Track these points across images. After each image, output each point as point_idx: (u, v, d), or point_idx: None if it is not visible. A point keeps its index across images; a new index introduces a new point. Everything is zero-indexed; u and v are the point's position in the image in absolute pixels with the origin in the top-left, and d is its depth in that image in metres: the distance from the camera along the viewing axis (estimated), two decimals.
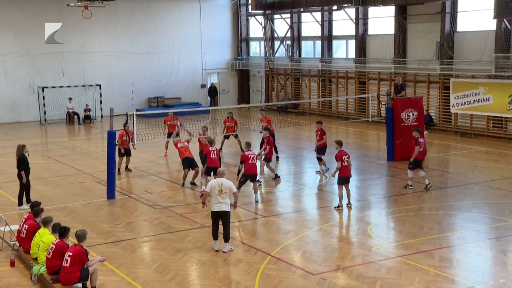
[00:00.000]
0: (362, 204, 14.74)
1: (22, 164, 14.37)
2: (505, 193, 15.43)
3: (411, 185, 15.79)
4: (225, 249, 11.36)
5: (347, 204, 14.18)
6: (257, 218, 13.74)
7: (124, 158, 18.53)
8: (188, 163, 16.33)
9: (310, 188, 16.34)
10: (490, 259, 10.89)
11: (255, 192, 14.95)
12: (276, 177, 17.10)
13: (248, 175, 14.77)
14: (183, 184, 16.43)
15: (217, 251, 11.36)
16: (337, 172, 14.04)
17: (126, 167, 18.71)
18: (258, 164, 15.51)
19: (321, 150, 17.76)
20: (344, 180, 14.00)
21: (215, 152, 15.39)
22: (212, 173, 15.08)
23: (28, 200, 14.51)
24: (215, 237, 11.45)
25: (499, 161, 19.81)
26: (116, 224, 13.30)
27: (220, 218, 11.33)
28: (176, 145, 17.58)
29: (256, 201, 14.72)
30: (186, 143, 16.91)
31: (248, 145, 15.29)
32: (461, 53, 25.22)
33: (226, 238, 11.38)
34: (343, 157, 13.89)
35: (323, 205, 14.91)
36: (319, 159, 17.87)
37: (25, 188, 14.56)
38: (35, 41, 30.64)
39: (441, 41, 25.33)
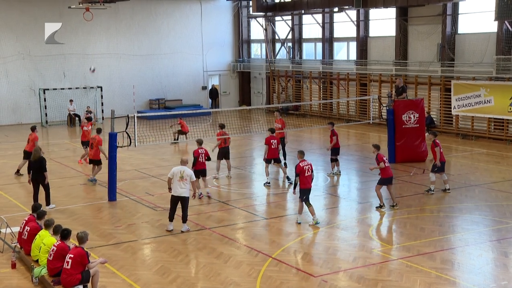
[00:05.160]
0: (363, 206, 14.74)
1: (45, 165, 14.49)
2: (506, 195, 15.41)
3: (433, 190, 15.62)
4: (183, 228, 12.59)
5: (392, 205, 14.21)
6: (258, 220, 13.73)
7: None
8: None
9: (312, 190, 16.30)
10: (491, 261, 10.88)
11: (312, 213, 13.03)
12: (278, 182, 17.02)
13: (305, 190, 12.93)
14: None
15: (171, 230, 12.52)
16: (379, 170, 14.11)
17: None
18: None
19: (334, 151, 17.70)
20: (385, 181, 14.07)
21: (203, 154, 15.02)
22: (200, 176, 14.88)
23: (35, 200, 14.59)
24: (171, 219, 12.61)
25: (500, 163, 19.79)
26: (117, 226, 13.30)
27: (180, 202, 12.49)
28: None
29: (317, 223, 12.95)
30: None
31: (302, 153, 13.26)
32: (462, 55, 25.22)
33: (184, 220, 12.63)
34: (384, 158, 14.03)
35: (324, 207, 14.90)
36: (332, 160, 17.81)
37: (48, 188, 14.64)
38: (36, 43, 30.70)
39: (442, 43, 25.33)
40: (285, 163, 18.66)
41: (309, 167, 12.96)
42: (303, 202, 13.02)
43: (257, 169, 19.37)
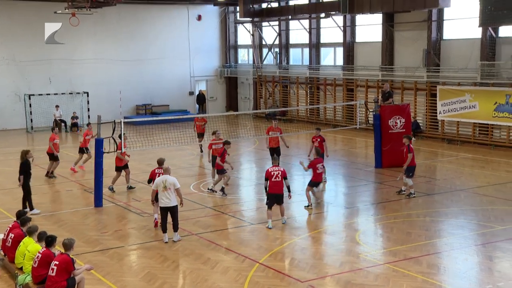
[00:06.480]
0: (350, 211, 14.79)
1: (23, 169, 14.46)
2: (491, 199, 15.55)
3: (414, 193, 15.74)
4: (175, 238, 12.35)
5: (317, 202, 15.12)
6: (246, 225, 13.71)
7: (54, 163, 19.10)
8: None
9: (298, 195, 16.33)
10: (476, 265, 10.97)
11: (282, 215, 13.44)
12: (221, 191, 16.28)
13: (272, 195, 13.18)
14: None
15: (166, 242, 12.20)
16: (311, 175, 14.98)
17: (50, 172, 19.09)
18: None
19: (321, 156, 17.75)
20: (315, 184, 14.96)
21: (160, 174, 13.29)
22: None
23: (31, 207, 14.55)
24: (164, 230, 12.31)
25: (485, 167, 19.97)
26: (103, 232, 13.21)
27: (169, 212, 12.20)
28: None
29: (283, 223, 13.38)
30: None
31: (276, 160, 13.75)
32: (447, 60, 25.45)
33: (175, 228, 12.36)
34: (317, 165, 14.76)
35: (311, 212, 14.93)
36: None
37: (27, 193, 14.58)
38: (21, 48, 30.53)
39: (428, 48, 25.56)
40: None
41: (279, 173, 13.08)
42: (270, 207, 13.20)
43: (244, 175, 19.37)
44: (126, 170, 17.16)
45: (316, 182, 14.89)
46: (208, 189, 16.74)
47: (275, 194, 13.16)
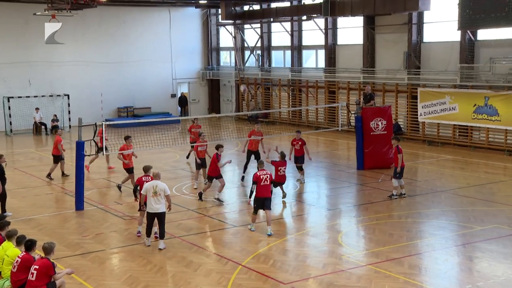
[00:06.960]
0: (332, 212, 14.85)
1: None
2: (471, 200, 15.74)
3: (396, 195, 15.86)
4: (160, 246, 12.04)
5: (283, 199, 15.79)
6: (228, 227, 13.70)
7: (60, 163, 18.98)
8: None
9: (280, 197, 16.36)
10: (457, 265, 11.10)
11: (268, 224, 12.95)
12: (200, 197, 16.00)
13: (259, 199, 12.94)
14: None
15: (149, 246, 12.12)
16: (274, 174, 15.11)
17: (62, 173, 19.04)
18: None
19: (301, 159, 17.81)
20: (278, 184, 15.44)
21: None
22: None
23: (3, 210, 14.28)
24: (148, 234, 12.22)
25: (465, 169, 20.21)
26: (84, 236, 13.09)
27: (156, 218, 12.00)
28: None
29: (269, 235, 12.80)
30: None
31: (261, 164, 13.65)
32: (427, 63, 25.72)
33: (161, 236, 12.09)
34: (280, 168, 15.25)
35: (294, 214, 14.97)
36: (300, 168, 17.92)
37: (1, 197, 14.36)
38: (0, 50, 30.07)
39: (409, 51, 25.81)
40: (242, 177, 18.47)
41: (267, 177, 12.95)
42: (256, 211, 13.14)
43: (226, 177, 19.31)
44: (131, 174, 16.87)
45: (277, 182, 15.20)
46: (214, 198, 15.85)
47: (263, 198, 12.92)
